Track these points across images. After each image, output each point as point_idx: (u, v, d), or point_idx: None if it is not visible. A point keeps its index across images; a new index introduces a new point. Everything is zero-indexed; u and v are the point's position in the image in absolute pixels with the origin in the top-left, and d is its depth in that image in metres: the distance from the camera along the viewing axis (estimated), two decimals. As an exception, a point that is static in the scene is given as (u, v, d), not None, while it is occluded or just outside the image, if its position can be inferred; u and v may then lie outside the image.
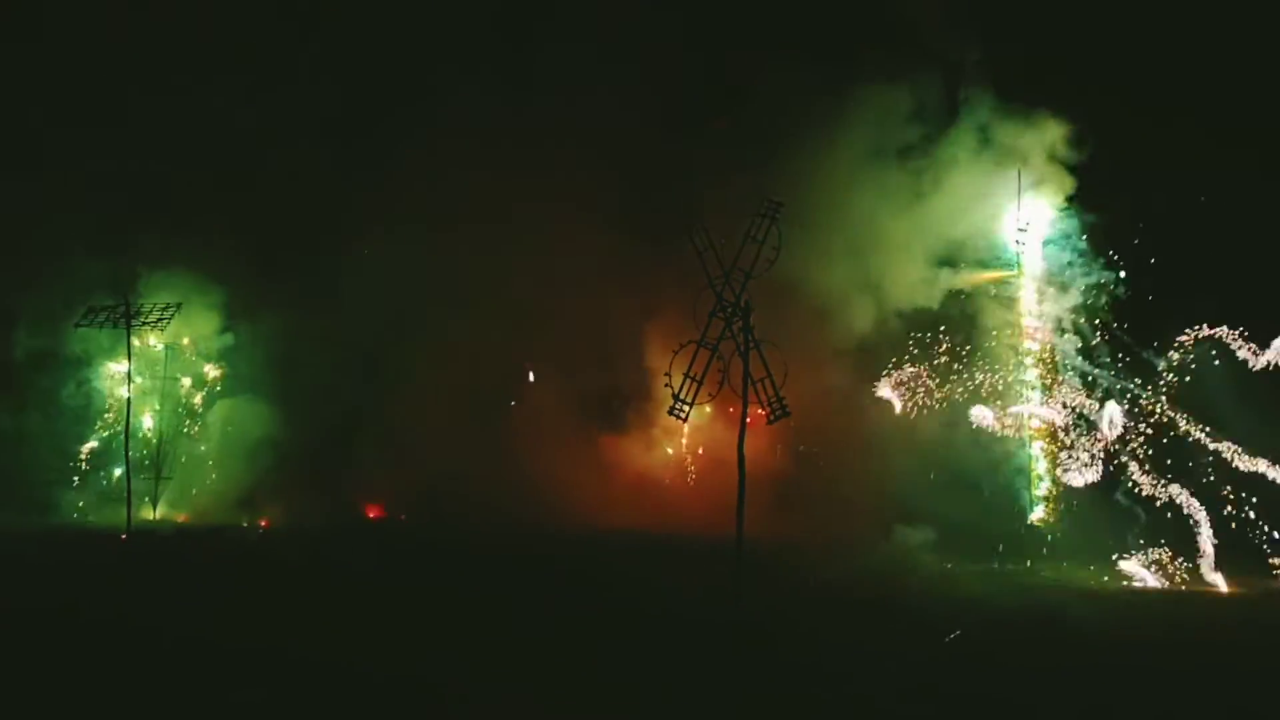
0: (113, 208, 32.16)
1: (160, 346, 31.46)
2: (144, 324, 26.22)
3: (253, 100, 32.78)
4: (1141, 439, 25.21)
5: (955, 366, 27.45)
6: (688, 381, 18.96)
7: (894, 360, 27.99)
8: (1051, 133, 25.97)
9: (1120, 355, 26.11)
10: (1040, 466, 26.67)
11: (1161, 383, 25.04)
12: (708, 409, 26.15)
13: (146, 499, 31.51)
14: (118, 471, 32.95)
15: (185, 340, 33.07)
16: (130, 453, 29.18)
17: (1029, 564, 25.58)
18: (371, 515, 32.97)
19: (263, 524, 31.19)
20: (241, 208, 32.90)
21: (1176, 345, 24.88)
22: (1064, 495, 26.40)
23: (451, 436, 31.85)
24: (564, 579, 22.22)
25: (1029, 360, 26.79)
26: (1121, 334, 26.13)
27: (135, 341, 28.62)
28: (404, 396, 32.62)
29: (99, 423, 33.32)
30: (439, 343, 32.22)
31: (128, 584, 21.20)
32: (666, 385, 18.98)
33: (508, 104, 33.26)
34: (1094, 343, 26.36)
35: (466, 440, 31.81)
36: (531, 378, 34.56)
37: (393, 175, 32.95)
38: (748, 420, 18.60)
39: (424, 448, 31.66)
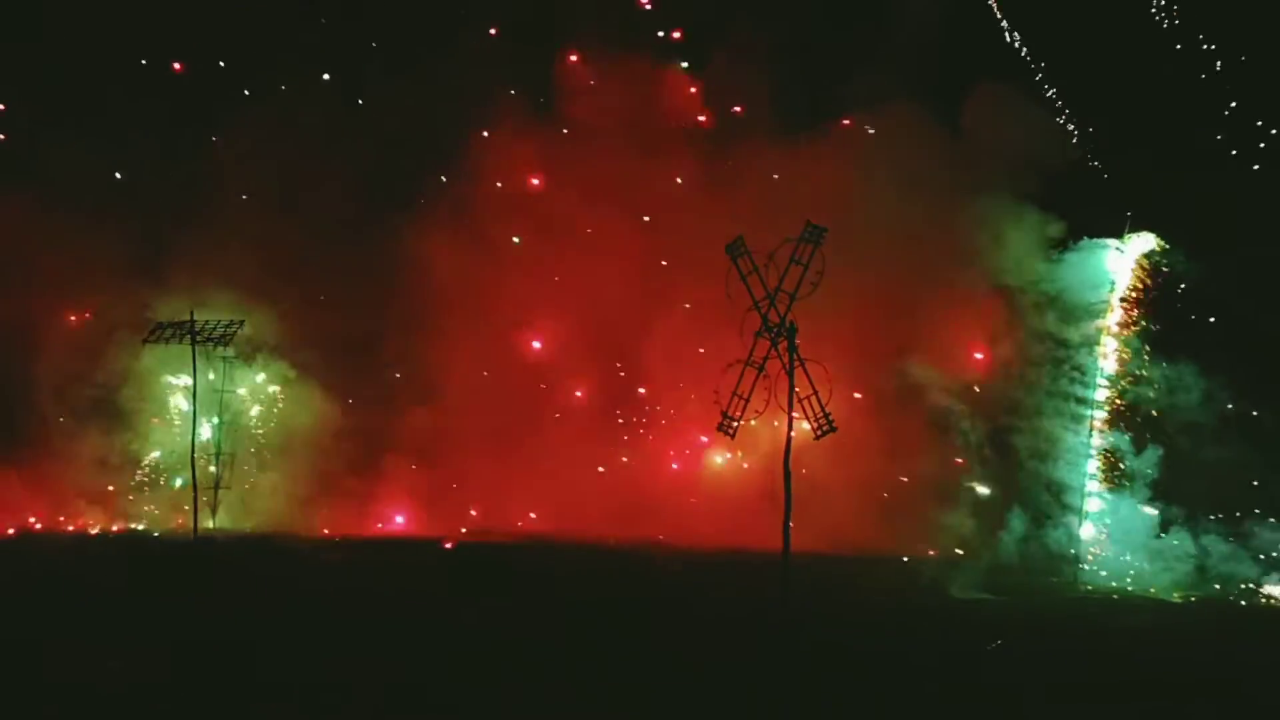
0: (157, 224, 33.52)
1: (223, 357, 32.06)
2: (208, 340, 27.13)
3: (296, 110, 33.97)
4: None
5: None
6: (735, 399, 19.51)
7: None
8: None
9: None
10: (1094, 485, 26.85)
11: None
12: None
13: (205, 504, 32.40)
14: (179, 481, 34.09)
15: (241, 354, 33.85)
16: (192, 463, 29.93)
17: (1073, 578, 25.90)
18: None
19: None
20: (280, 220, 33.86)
21: None
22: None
23: (488, 448, 32.86)
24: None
25: (1102, 380, 27.03)
26: None
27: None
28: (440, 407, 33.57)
29: (159, 433, 34.49)
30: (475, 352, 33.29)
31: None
32: (715, 403, 19.56)
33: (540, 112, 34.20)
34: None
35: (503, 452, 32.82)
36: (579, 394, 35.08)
37: (429, 185, 34.21)
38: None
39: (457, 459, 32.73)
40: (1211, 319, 27.47)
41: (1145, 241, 27.11)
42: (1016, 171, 28.30)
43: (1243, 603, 23.51)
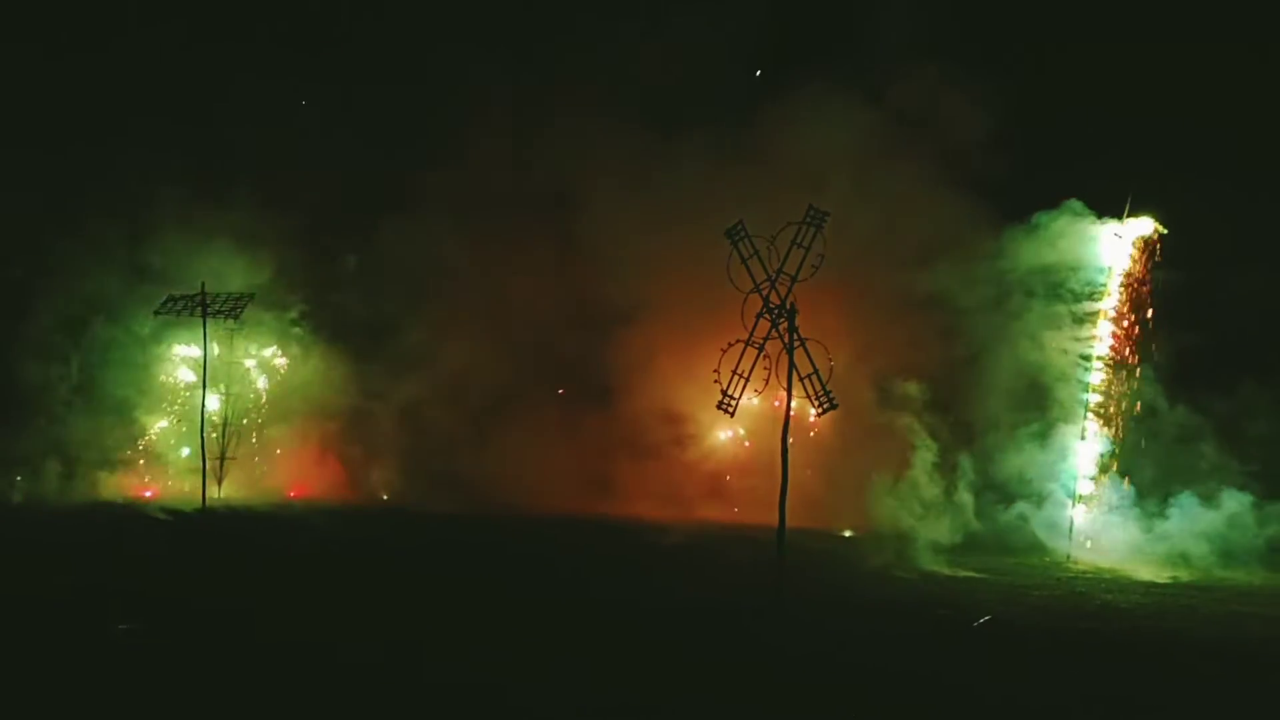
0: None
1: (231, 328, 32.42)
2: (218, 313, 27.57)
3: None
4: None
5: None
6: (735, 378, 19.95)
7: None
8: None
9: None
10: (1089, 467, 27.25)
11: None
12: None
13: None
14: (185, 452, 34.60)
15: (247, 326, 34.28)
16: (201, 434, 30.29)
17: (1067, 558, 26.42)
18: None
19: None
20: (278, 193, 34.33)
21: None
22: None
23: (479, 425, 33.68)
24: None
25: (1098, 364, 27.42)
26: None
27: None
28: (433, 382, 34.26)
29: (164, 405, 34.98)
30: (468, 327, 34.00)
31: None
32: (715, 381, 19.98)
33: (533, 92, 34.80)
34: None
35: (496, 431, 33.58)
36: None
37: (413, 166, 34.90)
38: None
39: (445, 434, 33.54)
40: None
41: (1144, 225, 27.34)
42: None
43: (1232, 583, 23.97)
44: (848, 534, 29.09)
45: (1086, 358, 27.41)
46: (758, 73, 33.80)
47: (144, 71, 33.96)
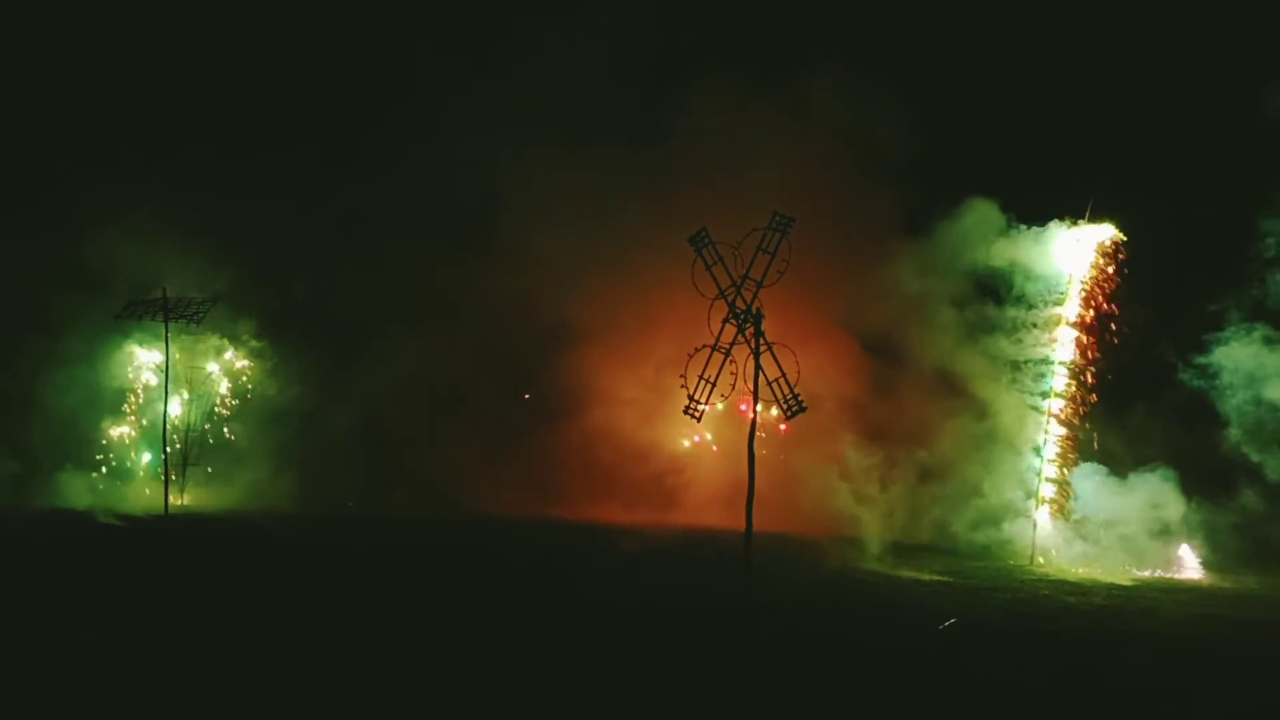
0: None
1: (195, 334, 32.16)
2: (181, 317, 27.28)
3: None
4: None
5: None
6: (702, 383, 20.01)
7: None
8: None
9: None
10: (1050, 470, 27.35)
11: None
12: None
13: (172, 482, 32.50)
14: (145, 458, 34.22)
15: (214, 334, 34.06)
16: (155, 439, 30.03)
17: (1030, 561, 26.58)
18: None
19: None
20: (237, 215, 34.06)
21: None
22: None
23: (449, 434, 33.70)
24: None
25: (1061, 370, 27.43)
26: None
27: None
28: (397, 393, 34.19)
29: (124, 409, 34.58)
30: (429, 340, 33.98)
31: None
32: (682, 386, 20.04)
33: (499, 102, 34.85)
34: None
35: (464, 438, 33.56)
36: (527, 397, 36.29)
37: (380, 177, 34.96)
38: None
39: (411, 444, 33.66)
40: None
41: (1104, 230, 27.52)
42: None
43: (1194, 584, 24.31)
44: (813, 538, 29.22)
45: (1047, 362, 27.57)
46: None
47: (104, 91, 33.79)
